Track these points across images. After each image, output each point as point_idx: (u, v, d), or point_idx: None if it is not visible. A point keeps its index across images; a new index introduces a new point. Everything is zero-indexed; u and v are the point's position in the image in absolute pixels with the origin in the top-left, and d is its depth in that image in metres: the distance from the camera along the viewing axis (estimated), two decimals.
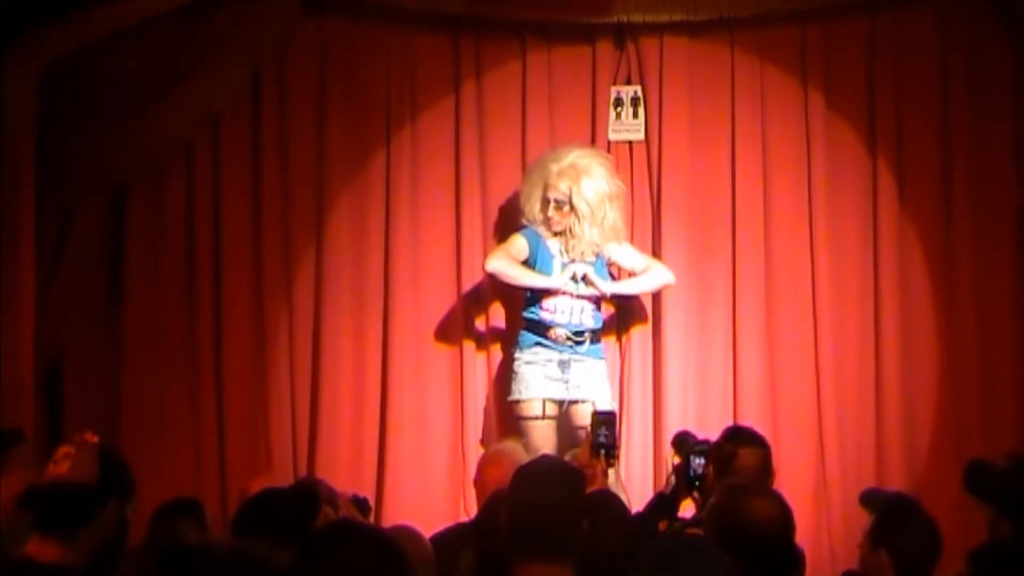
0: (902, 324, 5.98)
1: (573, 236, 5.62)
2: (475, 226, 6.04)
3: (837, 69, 6.04)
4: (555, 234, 5.66)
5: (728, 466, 3.81)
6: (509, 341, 5.99)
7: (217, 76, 5.88)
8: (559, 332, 5.59)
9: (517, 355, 5.63)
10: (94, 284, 5.94)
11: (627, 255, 5.77)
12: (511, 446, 4.43)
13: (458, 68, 6.05)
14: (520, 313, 5.82)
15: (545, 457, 3.69)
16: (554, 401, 5.57)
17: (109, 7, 5.64)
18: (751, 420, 5.87)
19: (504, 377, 5.80)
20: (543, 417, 5.57)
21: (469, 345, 6.00)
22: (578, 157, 5.64)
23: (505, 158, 6.05)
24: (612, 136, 6.01)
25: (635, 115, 6.02)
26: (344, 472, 5.82)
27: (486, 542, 3.42)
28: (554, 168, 5.60)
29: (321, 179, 6.03)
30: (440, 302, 6.04)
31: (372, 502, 5.79)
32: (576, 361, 5.57)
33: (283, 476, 5.62)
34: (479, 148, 6.05)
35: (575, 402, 5.56)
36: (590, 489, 3.53)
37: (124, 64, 5.72)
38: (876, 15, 6.04)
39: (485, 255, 5.99)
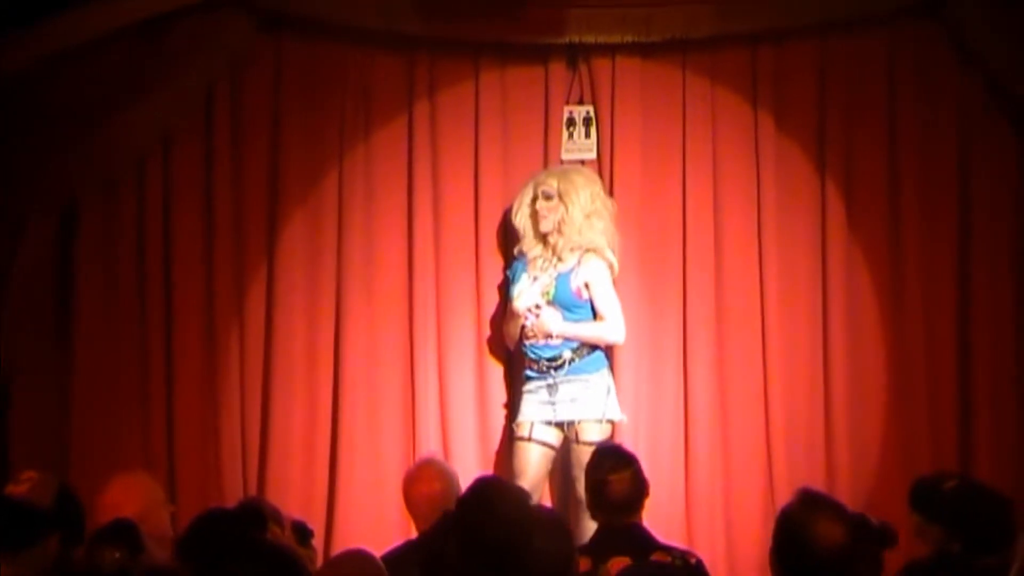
0: (850, 343, 6.03)
1: (560, 231, 5.65)
2: (427, 245, 6.04)
3: (788, 92, 6.09)
4: (541, 238, 5.68)
5: (601, 493, 3.90)
6: (463, 361, 6.00)
7: (171, 94, 5.87)
8: (539, 361, 5.63)
9: (522, 387, 5.73)
10: (43, 304, 5.89)
11: (597, 292, 5.66)
12: (428, 461, 4.46)
13: (412, 87, 6.05)
14: (468, 333, 5.92)
15: (487, 478, 3.69)
16: (545, 423, 5.60)
17: (62, 24, 5.61)
18: (702, 441, 5.97)
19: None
20: (529, 439, 5.61)
21: (421, 364, 5.99)
22: (571, 166, 5.87)
23: (458, 177, 6.05)
24: (565, 156, 6.05)
25: (587, 135, 6.05)
26: (295, 494, 5.80)
27: (434, 561, 3.41)
28: (543, 174, 5.82)
29: (274, 197, 6.02)
30: (393, 321, 6.03)
31: (323, 522, 5.80)
32: (563, 383, 5.60)
33: (232, 497, 5.61)
34: (432, 167, 6.06)
35: (563, 424, 5.58)
36: None
37: (77, 81, 5.69)
38: (827, 39, 6.09)
39: (438, 275, 6.04)
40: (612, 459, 4.05)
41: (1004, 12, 5.92)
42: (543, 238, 5.73)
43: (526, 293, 5.68)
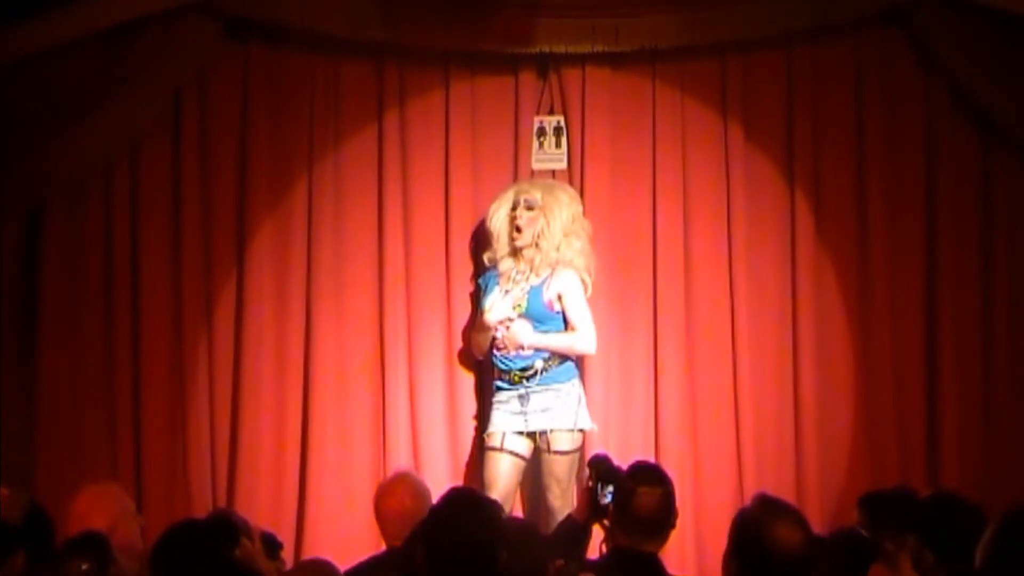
0: (819, 351, 6.06)
1: (537, 246, 5.64)
2: (398, 255, 6.02)
3: (756, 102, 6.12)
4: (513, 253, 5.68)
5: (627, 503, 3.81)
6: (433, 371, 5.98)
7: (139, 100, 5.83)
8: (510, 371, 5.63)
9: (492, 398, 5.71)
10: (8, 311, 5.82)
11: (569, 302, 5.66)
12: (401, 476, 4.46)
13: (382, 96, 6.04)
14: (438, 343, 5.92)
15: (460, 490, 3.66)
16: (516, 434, 5.60)
17: (29, 30, 5.56)
18: (672, 451, 5.96)
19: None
20: (500, 449, 5.60)
21: (392, 374, 5.96)
22: (556, 182, 5.89)
23: (428, 186, 6.04)
24: (535, 165, 6.05)
25: (558, 144, 6.06)
26: (264, 506, 5.76)
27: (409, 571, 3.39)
28: (527, 183, 5.81)
29: (242, 204, 5.99)
30: (363, 331, 6.01)
31: (292, 535, 5.76)
32: (535, 393, 5.60)
33: (200, 508, 5.56)
34: (402, 176, 6.04)
35: (534, 434, 5.58)
36: None
37: (44, 86, 5.65)
38: (794, 49, 6.13)
39: (408, 284, 6.02)
40: (646, 473, 3.89)
41: (967, 20, 5.98)
42: (516, 251, 5.71)
43: (498, 306, 5.67)
